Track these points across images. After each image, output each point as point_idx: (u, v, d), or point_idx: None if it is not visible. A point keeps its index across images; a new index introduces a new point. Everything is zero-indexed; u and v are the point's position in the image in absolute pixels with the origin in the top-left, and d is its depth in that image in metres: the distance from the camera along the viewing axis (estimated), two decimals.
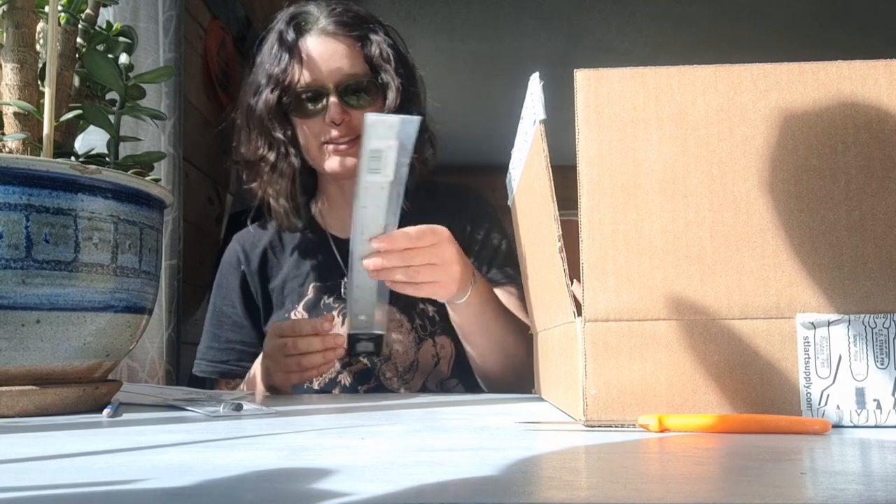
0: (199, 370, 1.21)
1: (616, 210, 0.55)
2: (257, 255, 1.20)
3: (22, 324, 0.61)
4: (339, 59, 1.11)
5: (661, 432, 0.50)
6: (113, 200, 0.66)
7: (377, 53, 1.12)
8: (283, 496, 0.30)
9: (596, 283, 0.54)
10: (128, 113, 0.78)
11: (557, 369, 0.67)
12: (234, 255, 1.22)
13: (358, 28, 1.13)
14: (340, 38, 1.12)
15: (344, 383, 1.13)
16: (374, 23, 1.16)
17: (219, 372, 1.19)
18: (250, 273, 1.20)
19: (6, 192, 0.60)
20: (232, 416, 0.64)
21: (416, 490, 0.31)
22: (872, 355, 0.53)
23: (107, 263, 0.65)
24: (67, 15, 0.73)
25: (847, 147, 0.54)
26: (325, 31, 1.12)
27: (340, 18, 1.13)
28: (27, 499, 0.29)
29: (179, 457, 0.41)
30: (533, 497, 0.29)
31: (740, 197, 0.54)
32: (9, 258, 0.60)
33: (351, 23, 1.13)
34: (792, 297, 0.54)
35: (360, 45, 1.12)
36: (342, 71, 1.10)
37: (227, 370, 1.19)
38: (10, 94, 0.69)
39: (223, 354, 1.19)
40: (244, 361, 1.17)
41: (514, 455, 0.41)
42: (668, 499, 0.29)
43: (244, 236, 1.24)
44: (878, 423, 0.52)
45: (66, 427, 0.56)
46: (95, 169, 0.64)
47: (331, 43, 1.11)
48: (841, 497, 0.29)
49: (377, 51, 1.12)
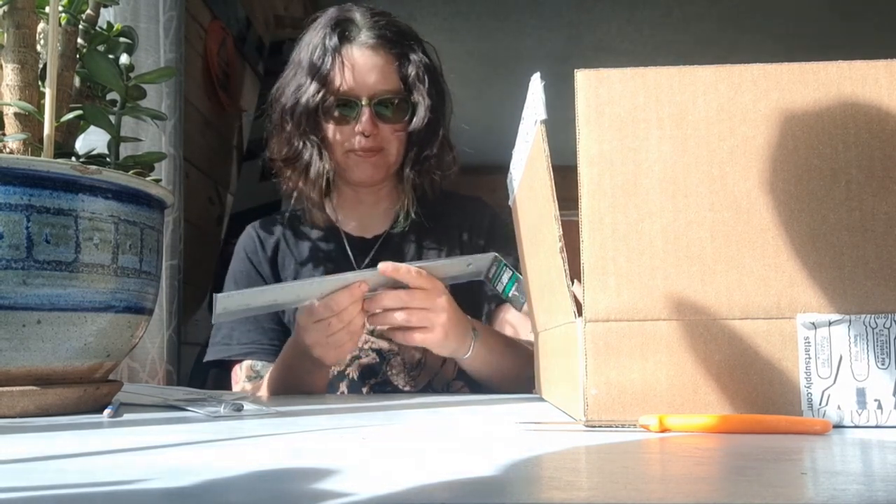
0: (228, 354, 1.16)
1: (616, 210, 0.55)
2: (271, 244, 1.22)
3: (23, 324, 0.61)
4: (376, 73, 1.14)
5: (661, 432, 0.50)
6: (113, 201, 0.66)
7: (413, 73, 1.15)
8: (284, 496, 0.30)
9: (596, 283, 0.54)
10: (128, 113, 0.78)
11: (558, 369, 0.67)
12: (251, 240, 1.23)
13: (398, 45, 1.16)
14: (381, 52, 1.15)
15: (352, 376, 1.13)
16: (415, 40, 1.20)
17: (249, 352, 1.16)
18: (266, 259, 1.21)
19: (7, 192, 0.60)
20: (233, 416, 0.64)
21: (417, 490, 0.31)
22: (873, 355, 0.53)
23: (107, 264, 0.65)
24: (68, 15, 0.73)
25: (847, 147, 0.54)
26: (367, 43, 1.15)
27: (383, 33, 1.15)
28: (28, 499, 0.29)
29: (180, 457, 0.41)
30: (533, 497, 0.29)
31: (741, 197, 0.54)
32: (9, 258, 0.60)
33: (393, 39, 1.16)
34: (793, 297, 0.53)
35: (398, 63, 1.15)
36: (378, 85, 1.14)
37: (259, 349, 1.16)
38: (10, 94, 0.69)
39: (254, 335, 1.17)
40: (276, 342, 1.15)
41: (514, 455, 0.41)
42: (669, 499, 0.29)
43: (258, 226, 1.25)
44: (878, 423, 0.52)
45: (67, 427, 0.56)
46: (96, 169, 0.64)
47: (371, 56, 1.14)
48: (841, 497, 0.29)
49: (413, 71, 1.16)
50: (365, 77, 1.13)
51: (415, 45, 1.19)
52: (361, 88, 1.13)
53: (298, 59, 1.17)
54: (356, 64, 1.14)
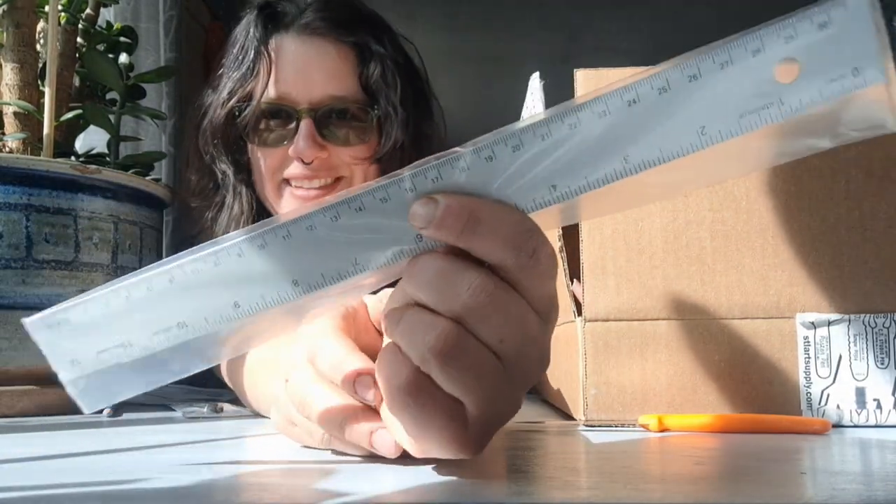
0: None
1: None
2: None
3: (22, 323, 0.61)
4: (321, 70, 0.79)
5: (661, 432, 0.50)
6: (113, 200, 0.66)
7: (376, 73, 0.80)
8: (283, 496, 0.30)
9: (596, 283, 0.54)
10: (128, 113, 0.78)
11: (557, 369, 0.67)
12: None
13: (354, 31, 0.81)
14: (329, 41, 0.80)
15: None
16: (380, 28, 0.84)
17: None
18: None
19: (6, 191, 0.60)
20: (212, 416, 0.63)
21: (417, 490, 0.31)
22: (873, 355, 0.53)
23: (107, 263, 0.65)
24: (67, 15, 0.73)
25: (847, 147, 0.54)
26: (308, 28, 0.80)
27: (333, 14, 0.81)
28: (27, 498, 0.29)
29: (179, 457, 0.41)
30: (533, 497, 0.29)
31: (740, 197, 0.54)
32: (9, 258, 0.60)
33: (345, 22, 0.81)
34: (792, 296, 0.53)
35: (356, 57, 0.81)
36: (323, 87, 0.79)
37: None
38: (10, 93, 0.69)
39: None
40: None
41: (514, 455, 0.41)
42: (668, 499, 0.29)
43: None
44: (878, 422, 0.52)
45: (67, 427, 0.56)
46: (95, 169, 0.64)
47: (313, 46, 0.80)
48: (841, 497, 0.29)
49: (377, 69, 0.80)
50: (304, 75, 0.78)
51: (380, 32, 0.83)
52: (298, 92, 0.78)
53: (220, 60, 0.86)
54: (291, 57, 0.79)
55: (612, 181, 0.28)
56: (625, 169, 0.28)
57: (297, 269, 0.30)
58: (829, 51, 0.26)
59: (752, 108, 0.26)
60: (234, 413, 0.66)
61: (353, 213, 0.30)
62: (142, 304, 0.32)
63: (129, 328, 0.32)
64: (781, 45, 0.26)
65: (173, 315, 0.32)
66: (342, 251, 0.30)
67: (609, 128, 0.28)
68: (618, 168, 0.28)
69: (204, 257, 0.31)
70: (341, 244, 0.30)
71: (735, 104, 0.27)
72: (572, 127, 0.28)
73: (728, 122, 0.27)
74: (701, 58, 0.27)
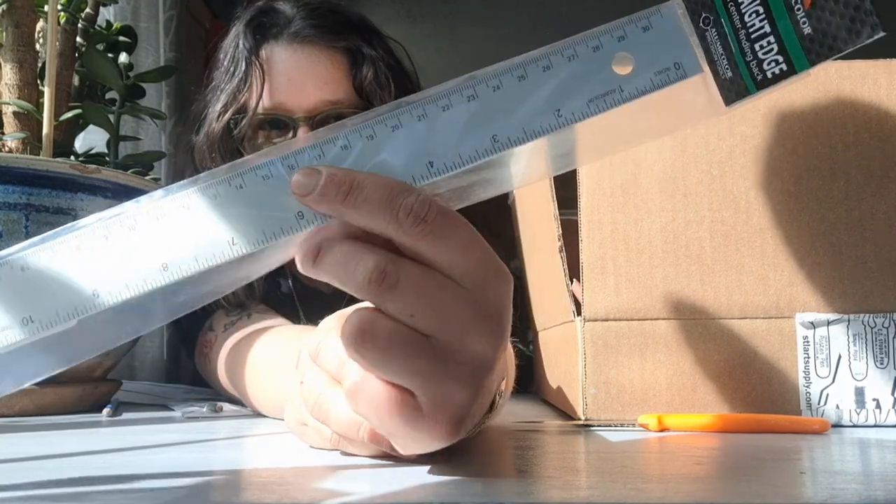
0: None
1: (616, 209, 0.55)
2: None
3: None
4: (313, 77, 0.81)
5: (660, 432, 0.50)
6: (113, 200, 0.66)
7: (370, 76, 0.82)
8: (283, 496, 0.30)
9: (595, 283, 0.54)
10: (128, 112, 0.78)
11: (557, 369, 0.67)
12: None
13: (344, 36, 0.83)
14: (320, 48, 0.82)
15: None
16: (369, 32, 0.87)
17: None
18: None
19: (6, 191, 0.60)
20: (211, 416, 0.63)
21: (416, 490, 0.31)
22: (872, 355, 0.53)
23: None
24: (67, 14, 0.73)
25: (846, 147, 0.54)
26: (299, 36, 0.82)
27: (321, 22, 0.83)
28: (27, 498, 0.29)
29: (178, 457, 0.41)
30: (533, 497, 0.29)
31: (740, 196, 0.54)
32: None
33: (335, 28, 0.84)
34: (791, 296, 0.53)
35: (348, 62, 0.83)
36: (318, 94, 0.81)
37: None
38: (9, 93, 0.69)
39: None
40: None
41: (514, 455, 0.41)
42: (668, 498, 0.29)
43: None
44: (877, 422, 0.52)
45: (66, 426, 0.56)
46: (95, 168, 0.64)
47: (304, 54, 0.82)
48: (840, 496, 0.29)
49: (370, 72, 0.82)
50: (298, 83, 0.81)
51: (370, 37, 0.85)
52: (293, 101, 0.80)
53: (210, 73, 0.87)
54: (284, 66, 0.81)
55: (483, 157, 0.31)
56: (493, 147, 0.31)
57: (167, 253, 0.30)
58: (654, 49, 0.32)
59: (598, 93, 0.32)
60: (233, 413, 0.66)
61: (234, 190, 0.30)
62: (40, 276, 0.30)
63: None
64: (615, 44, 0.32)
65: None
66: (221, 230, 0.30)
67: (478, 109, 0.31)
68: (487, 146, 0.31)
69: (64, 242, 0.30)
70: (219, 223, 0.30)
71: (583, 91, 0.32)
72: (444, 108, 0.31)
73: (580, 105, 0.31)
74: (552, 52, 0.32)
